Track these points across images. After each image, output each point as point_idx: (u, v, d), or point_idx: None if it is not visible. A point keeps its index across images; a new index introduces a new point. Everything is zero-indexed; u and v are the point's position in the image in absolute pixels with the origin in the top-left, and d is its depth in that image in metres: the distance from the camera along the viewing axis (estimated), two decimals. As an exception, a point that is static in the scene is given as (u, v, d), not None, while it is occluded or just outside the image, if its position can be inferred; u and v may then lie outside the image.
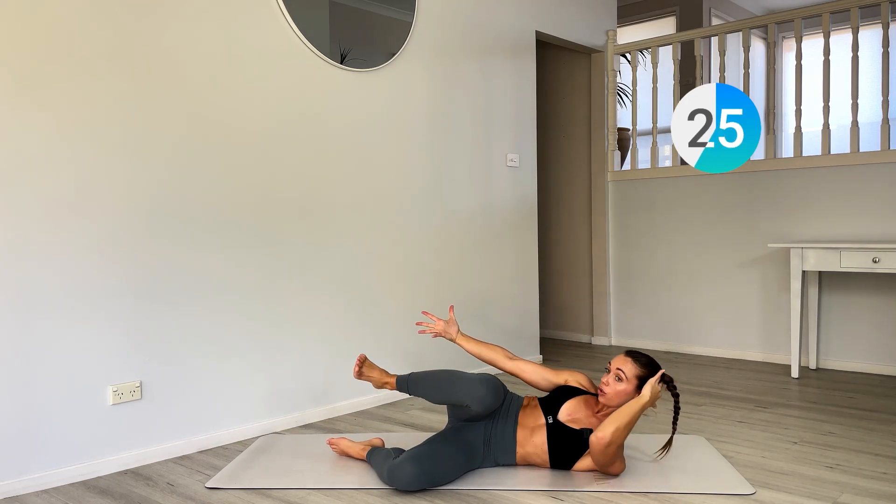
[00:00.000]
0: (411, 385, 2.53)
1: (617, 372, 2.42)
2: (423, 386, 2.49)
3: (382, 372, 2.65)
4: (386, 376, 2.64)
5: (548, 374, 2.62)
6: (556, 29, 4.61)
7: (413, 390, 2.52)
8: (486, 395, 2.33)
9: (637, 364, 2.43)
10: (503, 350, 2.70)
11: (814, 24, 6.22)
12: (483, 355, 2.70)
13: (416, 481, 2.24)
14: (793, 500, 2.20)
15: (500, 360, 2.67)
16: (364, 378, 2.64)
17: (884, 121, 3.98)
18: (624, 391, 2.40)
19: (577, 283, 5.27)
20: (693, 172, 4.59)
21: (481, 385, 2.35)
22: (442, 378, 2.46)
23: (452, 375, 2.44)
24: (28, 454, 2.40)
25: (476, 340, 2.73)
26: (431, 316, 2.79)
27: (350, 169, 3.37)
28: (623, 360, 2.44)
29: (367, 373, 2.64)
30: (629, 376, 2.40)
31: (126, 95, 2.62)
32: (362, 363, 2.63)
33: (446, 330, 2.74)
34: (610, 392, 2.41)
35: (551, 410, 2.45)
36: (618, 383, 2.41)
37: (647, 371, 2.42)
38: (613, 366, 2.44)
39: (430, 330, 2.76)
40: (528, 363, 2.66)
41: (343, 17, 3.34)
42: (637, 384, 2.40)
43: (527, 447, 2.43)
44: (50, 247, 2.44)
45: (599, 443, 2.26)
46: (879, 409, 3.27)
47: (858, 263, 3.71)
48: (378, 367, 2.69)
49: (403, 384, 2.56)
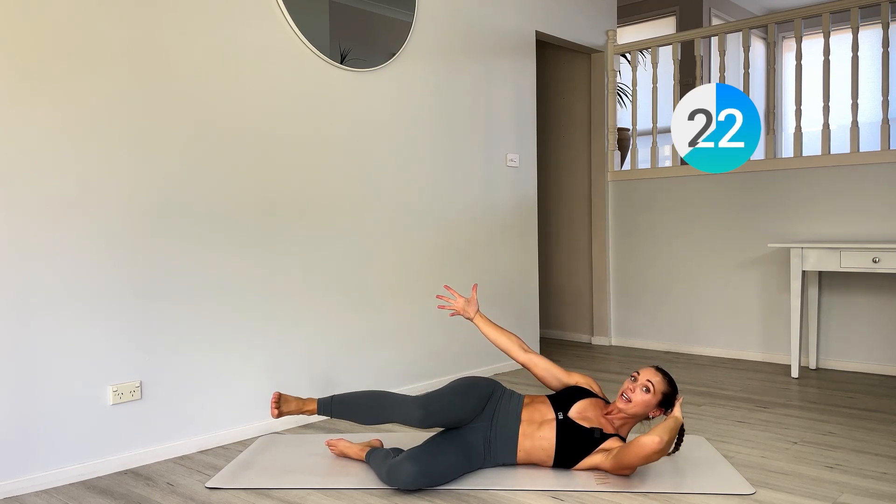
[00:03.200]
0: (335, 408, 2.52)
1: (646, 383, 2.45)
2: (351, 408, 2.49)
3: (298, 400, 2.60)
4: (304, 403, 2.59)
5: (559, 373, 2.63)
6: (556, 29, 4.61)
7: (338, 413, 2.51)
8: (424, 417, 2.33)
9: (665, 381, 2.48)
10: (519, 340, 2.70)
11: (814, 24, 6.22)
12: (499, 341, 2.70)
13: (415, 480, 2.23)
14: (793, 500, 2.20)
15: (515, 349, 2.67)
16: (283, 414, 2.56)
17: (884, 121, 3.98)
18: (648, 402, 2.43)
19: (577, 283, 5.27)
20: (693, 172, 4.59)
21: (415, 407, 2.35)
22: (370, 400, 2.46)
23: (382, 397, 2.45)
24: (28, 454, 2.40)
25: (494, 325, 2.73)
26: (453, 291, 2.78)
27: (350, 169, 3.37)
28: (654, 373, 2.49)
29: (285, 409, 2.56)
30: (657, 390, 2.44)
31: (127, 94, 2.62)
32: (278, 401, 2.54)
33: (465, 308, 2.74)
34: (635, 400, 2.43)
35: (562, 407, 2.45)
36: (644, 394, 2.43)
37: (672, 390, 2.48)
38: (643, 376, 2.46)
39: (450, 307, 2.76)
40: (541, 358, 2.66)
41: (343, 17, 3.34)
42: (661, 399, 2.44)
43: (532, 441, 2.42)
44: (51, 245, 2.44)
45: (653, 445, 2.20)
46: (879, 409, 3.27)
47: (858, 263, 3.71)
48: (292, 397, 2.61)
49: (326, 407, 2.54)
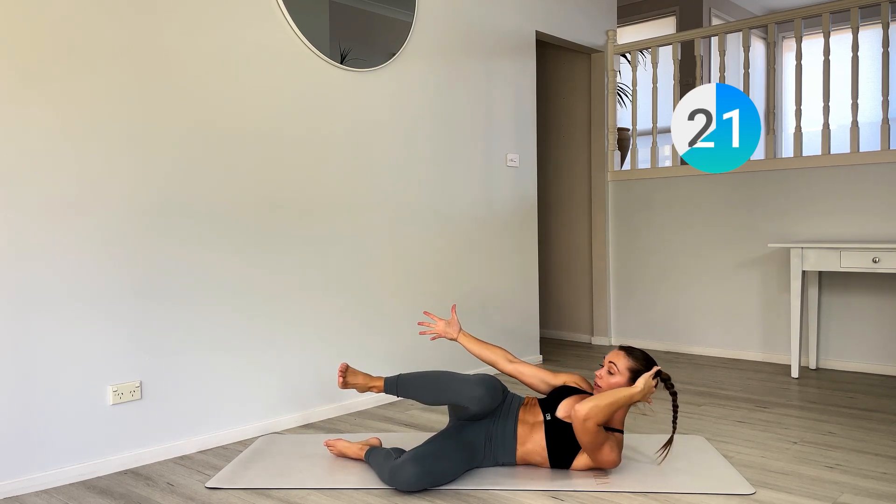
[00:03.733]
0: (401, 387, 2.50)
1: (609, 365, 2.43)
2: (415, 387, 2.46)
3: (367, 376, 2.60)
4: (371, 380, 2.59)
5: (546, 377, 2.63)
6: (556, 29, 4.61)
7: (403, 392, 2.49)
8: (484, 396, 2.31)
9: (630, 357, 2.44)
10: (504, 352, 2.70)
11: (814, 24, 6.22)
12: (484, 356, 2.70)
13: (418, 481, 2.23)
14: (793, 500, 2.20)
15: (501, 362, 2.68)
16: (349, 386, 2.59)
17: (884, 121, 3.98)
18: (616, 384, 2.41)
19: (577, 283, 5.27)
20: (693, 172, 4.59)
21: (478, 385, 2.33)
22: (435, 379, 2.44)
23: (446, 376, 2.42)
24: (28, 454, 2.40)
25: (478, 340, 2.73)
26: (432, 316, 2.78)
27: (350, 168, 3.37)
28: (616, 353, 2.46)
29: (351, 380, 2.58)
30: (621, 369, 2.42)
31: (127, 94, 2.62)
32: (345, 372, 2.58)
33: (446, 331, 2.74)
34: (604, 386, 2.43)
35: (549, 408, 2.45)
36: (610, 377, 2.42)
37: (641, 365, 2.43)
38: (607, 360, 2.46)
39: (431, 331, 2.76)
40: (527, 366, 2.66)
41: (343, 17, 3.34)
42: (630, 377, 2.41)
43: (527, 445, 2.42)
44: (51, 245, 2.44)
45: (577, 416, 2.24)
46: (879, 409, 3.27)
47: (858, 263, 3.71)
48: (361, 371, 2.63)
49: (392, 386, 2.52)
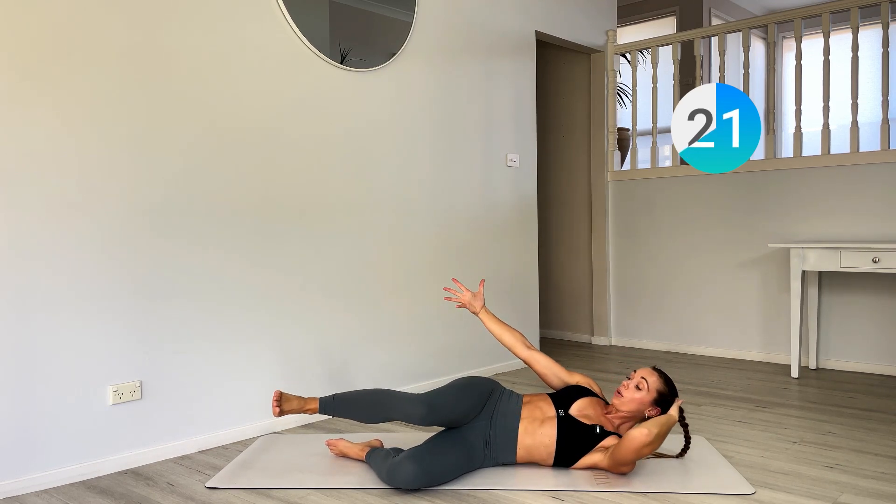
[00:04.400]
0: (336, 407, 2.52)
1: (640, 381, 2.46)
2: (351, 407, 2.49)
3: (300, 399, 2.59)
4: (305, 402, 2.59)
5: (560, 372, 2.65)
6: (556, 29, 4.61)
7: (339, 412, 2.52)
8: (427, 415, 2.32)
9: (661, 381, 2.48)
10: (522, 337, 2.72)
11: (814, 24, 6.22)
12: (502, 337, 2.72)
13: (416, 479, 2.24)
14: (793, 500, 2.20)
15: (518, 346, 2.70)
16: (286, 413, 2.55)
17: (884, 121, 3.98)
18: (640, 400, 2.44)
19: (577, 283, 5.27)
20: (693, 172, 4.59)
21: (418, 405, 2.34)
22: (372, 398, 2.46)
23: (384, 395, 2.44)
24: (28, 454, 2.40)
25: (498, 320, 2.76)
26: (460, 285, 2.81)
27: (350, 168, 3.37)
28: (649, 371, 2.50)
29: (286, 407, 2.56)
30: (651, 388, 2.45)
31: (127, 95, 2.62)
32: (279, 400, 2.54)
33: (471, 302, 2.77)
34: (626, 396, 2.45)
35: (563, 405, 2.46)
36: (637, 391, 2.45)
37: (668, 390, 2.48)
38: (638, 374, 2.49)
39: (457, 299, 2.79)
40: (543, 356, 2.68)
41: (343, 17, 3.34)
42: (655, 398, 2.45)
43: (533, 439, 2.41)
44: (51, 245, 2.44)
45: (641, 437, 2.23)
46: (879, 409, 3.27)
47: (858, 263, 3.71)
48: (294, 395, 2.61)
49: (328, 406, 2.54)
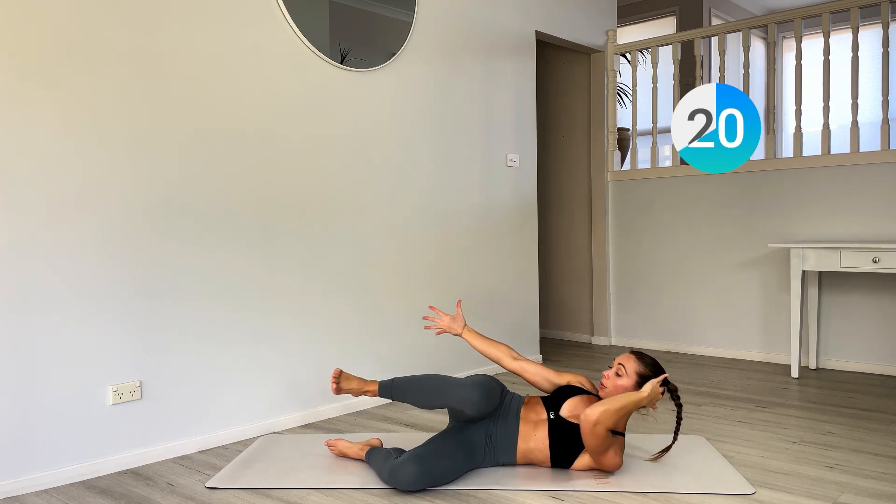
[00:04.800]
0: (396, 391, 2.51)
1: (618, 367, 2.45)
2: (410, 391, 2.47)
3: (360, 380, 2.60)
4: (365, 384, 2.59)
5: (550, 375, 2.64)
6: (556, 29, 4.61)
7: (398, 396, 2.50)
8: (479, 400, 2.31)
9: (640, 362, 2.46)
10: (508, 349, 2.71)
11: (814, 24, 6.22)
12: (488, 353, 2.71)
13: (418, 481, 2.24)
14: (793, 500, 2.20)
15: (505, 359, 2.69)
16: (343, 391, 2.58)
17: (884, 121, 3.98)
18: (623, 387, 2.42)
19: (577, 283, 5.27)
20: (693, 172, 4.59)
21: (473, 389, 2.33)
22: (430, 383, 2.44)
23: (441, 380, 2.43)
24: (28, 454, 2.40)
25: (482, 336, 2.74)
26: (437, 311, 2.79)
27: (350, 168, 3.37)
28: (626, 357, 2.48)
29: (345, 386, 2.58)
30: (629, 372, 2.43)
31: (127, 95, 2.62)
32: (338, 378, 2.57)
33: (451, 326, 2.75)
34: (609, 386, 2.44)
35: (553, 407, 2.46)
36: (617, 378, 2.44)
37: (650, 371, 2.45)
38: (616, 362, 2.48)
39: (436, 326, 2.77)
40: (531, 364, 2.67)
41: (343, 17, 3.34)
42: (637, 381, 2.43)
43: (529, 443, 2.42)
44: (51, 245, 2.44)
45: (587, 420, 2.25)
46: (879, 409, 3.27)
47: (858, 263, 3.71)
48: (355, 376, 2.63)
49: (387, 390, 2.53)
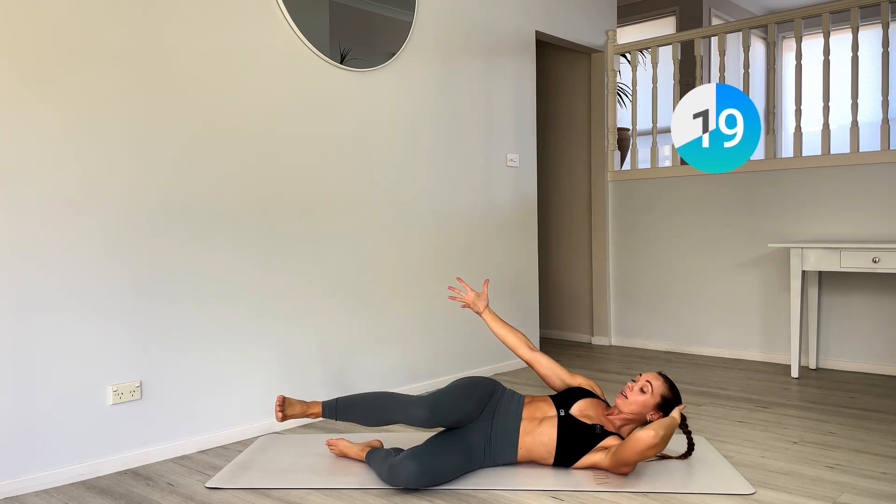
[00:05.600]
0: (339, 411, 2.53)
1: (645, 384, 2.46)
2: (354, 411, 2.50)
3: (303, 403, 2.60)
4: (308, 407, 2.59)
5: (562, 374, 2.66)
6: (556, 29, 4.61)
7: (342, 415, 2.53)
8: (429, 418, 2.32)
9: (666, 385, 2.48)
10: (525, 339, 2.73)
11: (814, 24, 6.22)
12: (505, 338, 2.74)
13: (416, 479, 2.24)
14: (793, 500, 2.20)
15: (521, 347, 2.71)
16: (288, 417, 2.56)
17: (884, 121, 3.98)
18: (643, 402, 2.44)
19: (577, 283, 5.27)
20: (693, 172, 4.59)
21: (421, 407, 2.34)
22: (374, 402, 2.46)
23: (387, 399, 2.45)
24: (28, 454, 2.40)
25: (501, 321, 2.77)
26: (465, 284, 2.82)
27: (350, 168, 3.37)
28: (654, 376, 2.50)
29: (289, 412, 2.56)
30: (654, 392, 2.45)
31: (127, 95, 2.62)
32: (282, 404, 2.54)
33: (475, 302, 2.79)
34: (630, 398, 2.45)
35: (564, 405, 2.47)
36: (641, 394, 2.45)
37: (672, 395, 2.47)
38: (643, 378, 2.49)
39: (461, 298, 2.80)
40: (546, 358, 2.69)
41: (343, 17, 3.34)
42: (658, 402, 2.44)
43: (532, 438, 2.42)
44: (51, 245, 2.44)
45: (645, 441, 2.22)
46: (879, 409, 3.27)
47: (858, 263, 3.71)
48: (297, 400, 2.61)
49: (331, 411, 2.55)
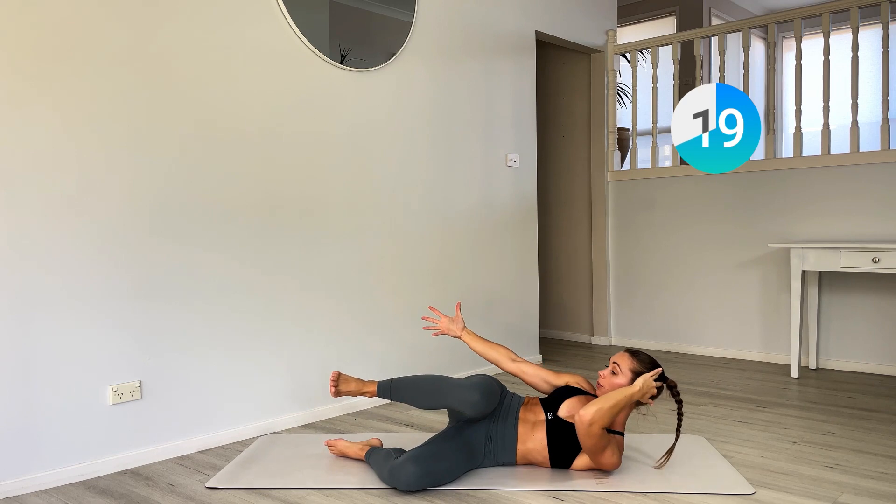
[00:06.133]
0: (395, 391, 2.51)
1: (613, 366, 2.46)
2: (409, 392, 2.48)
3: (359, 381, 2.60)
4: (364, 385, 2.60)
5: (548, 377, 2.64)
6: (556, 29, 4.61)
7: (397, 396, 2.51)
8: (480, 401, 2.32)
9: (634, 360, 2.46)
10: (507, 351, 2.72)
11: (814, 24, 6.22)
12: (487, 354, 2.71)
13: (418, 481, 2.24)
14: (793, 500, 2.20)
15: (504, 361, 2.69)
16: (342, 394, 2.58)
17: (884, 121, 3.98)
18: (618, 385, 2.43)
19: (577, 283, 5.27)
20: (693, 172, 4.59)
21: (473, 390, 2.33)
22: (430, 383, 2.44)
23: (441, 380, 2.43)
24: (28, 454, 2.40)
25: (481, 339, 2.75)
26: (437, 312, 2.80)
27: (350, 169, 3.37)
28: (621, 355, 2.49)
29: (344, 388, 2.58)
30: (624, 370, 2.44)
31: (127, 94, 2.62)
32: (336, 380, 2.57)
33: (450, 328, 2.76)
34: (606, 385, 2.45)
35: (551, 408, 2.46)
36: (613, 377, 2.44)
37: (644, 368, 2.46)
38: (611, 360, 2.49)
39: (434, 327, 2.78)
40: (530, 365, 2.67)
41: (343, 17, 3.34)
42: (632, 379, 2.43)
43: (528, 444, 2.43)
44: (51, 245, 2.44)
45: (581, 420, 2.25)
46: (879, 409, 3.27)
47: (858, 263, 3.71)
48: (353, 377, 2.63)
49: (385, 391, 2.54)
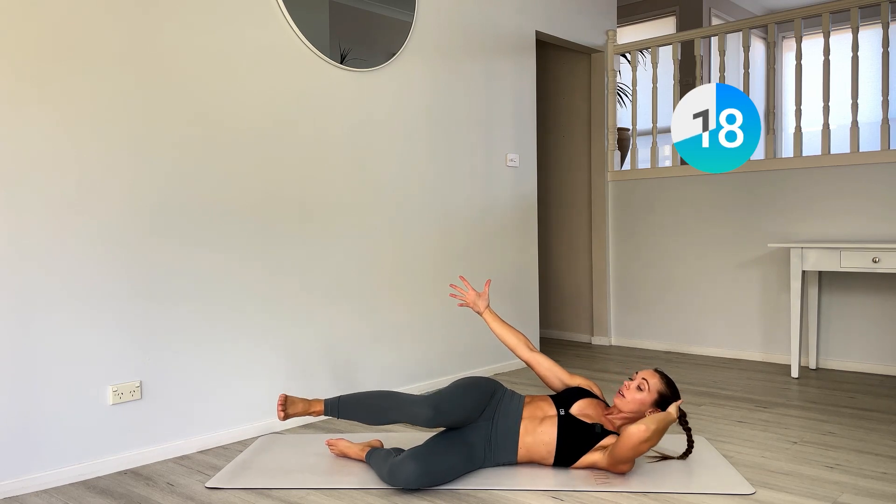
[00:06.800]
0: (342, 409, 2.53)
1: (641, 382, 2.46)
2: (355, 409, 2.50)
3: (305, 402, 2.60)
4: (311, 405, 2.60)
5: (562, 374, 2.66)
6: (556, 29, 4.61)
7: (344, 414, 2.53)
8: (433, 416, 2.32)
9: (663, 381, 2.48)
10: (525, 339, 2.73)
11: (814, 24, 6.22)
12: (505, 338, 2.74)
13: (417, 479, 2.24)
14: (793, 500, 2.20)
15: (520, 347, 2.71)
16: (291, 416, 2.57)
17: (884, 121, 3.98)
18: (641, 400, 2.44)
19: (577, 283, 5.27)
20: (693, 172, 4.59)
21: (424, 406, 2.34)
22: (377, 401, 2.46)
23: (389, 397, 2.45)
24: (28, 454, 2.40)
25: (502, 321, 2.77)
26: (466, 283, 2.83)
27: (350, 168, 3.37)
28: (651, 374, 2.50)
29: (291, 410, 2.57)
30: (651, 389, 2.45)
31: (127, 94, 2.62)
32: (284, 403, 2.55)
33: (475, 302, 2.79)
34: (628, 397, 2.45)
35: (564, 405, 2.47)
36: (638, 392, 2.45)
37: (670, 392, 2.47)
38: (640, 375, 2.49)
39: (461, 297, 2.81)
40: (545, 358, 2.69)
41: (343, 17, 3.34)
42: (656, 399, 2.44)
43: (533, 437, 2.42)
44: (51, 245, 2.44)
45: (636, 436, 2.24)
46: (879, 409, 3.27)
47: (858, 263, 3.71)
48: (299, 398, 2.63)
49: (333, 408, 2.55)
